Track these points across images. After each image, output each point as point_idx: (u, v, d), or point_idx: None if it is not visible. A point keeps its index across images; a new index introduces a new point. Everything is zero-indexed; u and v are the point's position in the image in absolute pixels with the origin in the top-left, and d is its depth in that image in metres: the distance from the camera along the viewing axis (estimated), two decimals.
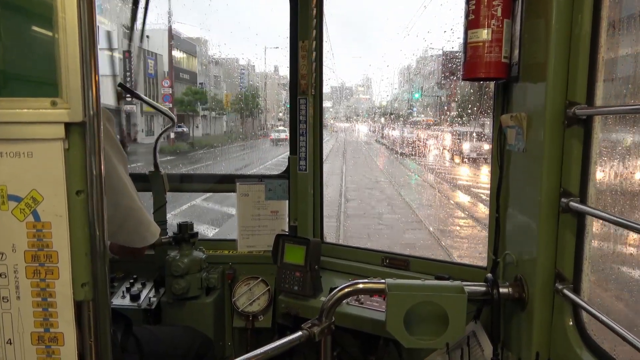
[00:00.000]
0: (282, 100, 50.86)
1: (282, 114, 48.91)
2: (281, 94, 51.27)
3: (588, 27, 1.30)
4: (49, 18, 0.94)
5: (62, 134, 0.96)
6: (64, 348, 1.03)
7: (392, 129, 42.21)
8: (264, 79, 49.90)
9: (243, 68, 47.40)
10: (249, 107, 45.17)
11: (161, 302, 2.48)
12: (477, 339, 1.69)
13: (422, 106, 41.12)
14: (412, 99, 43.73)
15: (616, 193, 1.48)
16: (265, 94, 49.43)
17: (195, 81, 45.32)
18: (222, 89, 50.18)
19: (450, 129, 29.30)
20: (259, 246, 2.70)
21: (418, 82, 42.87)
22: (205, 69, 48.57)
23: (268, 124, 46.04)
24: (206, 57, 47.83)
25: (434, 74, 37.39)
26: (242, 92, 47.53)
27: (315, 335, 1.59)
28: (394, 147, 35.25)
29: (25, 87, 1.03)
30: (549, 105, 1.36)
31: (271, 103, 46.81)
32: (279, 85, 49.06)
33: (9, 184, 0.98)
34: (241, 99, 46.46)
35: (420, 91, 40.03)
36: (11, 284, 1.01)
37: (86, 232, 0.99)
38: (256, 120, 46.57)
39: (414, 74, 43.22)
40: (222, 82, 50.64)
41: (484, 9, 1.52)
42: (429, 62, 39.18)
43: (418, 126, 35.69)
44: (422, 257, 2.42)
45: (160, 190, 2.68)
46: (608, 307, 1.47)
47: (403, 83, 46.96)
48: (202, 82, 46.49)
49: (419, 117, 39.27)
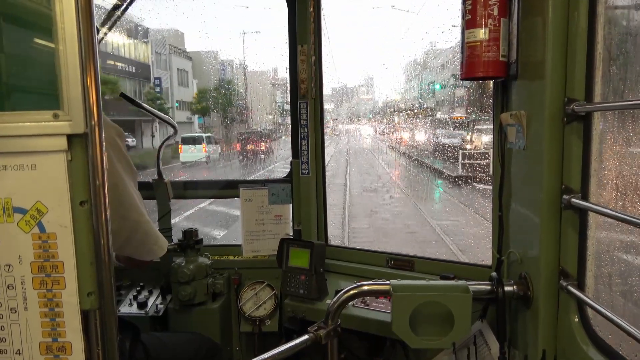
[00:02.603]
0: (276, 102, 42.05)
1: (272, 116, 38.87)
2: (275, 94, 42.74)
3: (584, 24, 1.30)
4: (49, 30, 0.96)
5: (64, 145, 0.97)
6: (72, 357, 1.04)
7: (409, 130, 30.66)
8: (244, 72, 39.72)
9: (224, 63, 38.14)
10: (219, 106, 34.58)
11: (168, 309, 2.49)
12: (483, 338, 1.69)
13: (436, 101, 31.07)
14: (430, 91, 32.62)
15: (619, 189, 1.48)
16: (244, 90, 38.74)
17: (149, 75, 36.18)
18: (191, 87, 41.03)
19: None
20: (264, 251, 2.71)
21: (428, 76, 33.32)
22: (166, 61, 39.15)
23: (257, 127, 34.28)
24: (175, 49, 39.34)
25: (448, 65, 28.35)
26: (210, 89, 37.38)
27: (321, 338, 1.60)
28: (427, 161, 21.81)
29: (27, 99, 1.04)
30: (548, 102, 1.37)
31: (258, 103, 37.84)
32: (273, 86, 40.43)
33: (13, 197, 0.99)
34: (211, 96, 36.08)
35: (439, 83, 30.26)
36: (19, 295, 1.02)
37: (91, 241, 1.00)
38: (242, 125, 35.02)
39: (424, 66, 34.17)
40: (190, 79, 41.54)
41: (481, 9, 1.53)
42: (440, 54, 31.14)
43: (442, 125, 24.71)
44: (427, 257, 2.42)
45: (164, 197, 2.69)
46: (613, 303, 1.47)
47: (412, 78, 37.79)
48: (159, 78, 37.18)
49: (444, 114, 27.95)
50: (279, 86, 40.95)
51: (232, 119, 33.88)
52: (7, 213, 0.99)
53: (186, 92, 40.66)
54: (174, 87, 39.45)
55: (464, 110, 25.50)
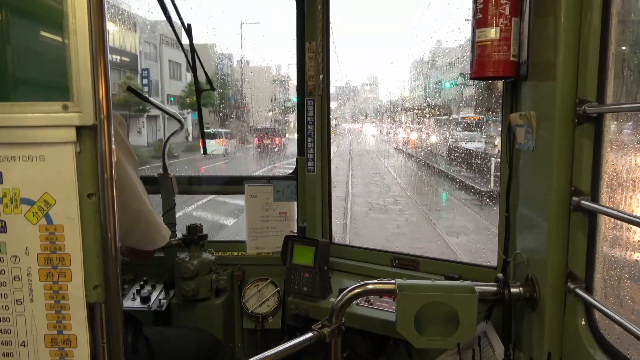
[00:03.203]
0: (276, 98, 38.23)
1: (271, 113, 35.25)
2: (276, 90, 38.82)
3: (598, 24, 1.29)
4: (60, 23, 0.96)
5: (73, 137, 0.97)
6: (77, 350, 1.04)
7: (419, 131, 28.01)
8: (241, 66, 35.39)
9: (222, 57, 33.39)
10: (212, 101, 29.51)
11: (171, 304, 2.49)
12: (488, 339, 1.68)
13: (441, 101, 28.18)
14: (446, 88, 28.87)
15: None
16: (240, 84, 34.12)
17: (136, 67, 33.49)
18: (185, 80, 36.64)
19: None
20: (268, 248, 2.71)
21: (435, 75, 31.12)
22: (156, 51, 36.14)
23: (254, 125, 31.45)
24: (167, 38, 34.98)
25: (456, 64, 25.95)
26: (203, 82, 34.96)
27: (325, 336, 1.59)
28: (441, 167, 19.66)
29: (37, 91, 1.04)
30: (559, 103, 1.35)
31: (257, 98, 33.44)
32: (274, 83, 36.78)
33: (21, 188, 0.99)
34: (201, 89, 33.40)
35: (450, 80, 27.31)
36: (25, 287, 1.02)
37: (98, 234, 1.00)
38: (239, 122, 31.80)
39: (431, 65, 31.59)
40: (184, 72, 37.20)
41: (492, 8, 1.51)
42: (448, 53, 28.66)
43: (460, 126, 21.99)
44: (432, 257, 2.41)
45: (169, 192, 2.69)
46: (621, 306, 1.46)
47: (418, 75, 34.33)
48: (147, 69, 34.41)
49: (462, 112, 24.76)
50: (281, 82, 38.79)
51: (229, 115, 31.52)
52: (14, 204, 0.99)
53: (179, 86, 37.38)
54: (164, 80, 37.05)
55: (483, 110, 21.98)
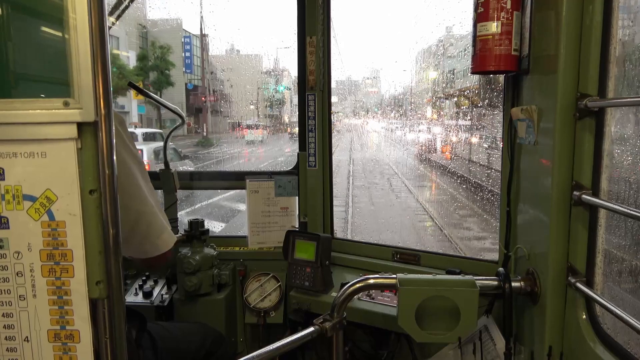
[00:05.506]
0: (262, 87, 34.27)
1: (253, 106, 32.24)
2: (262, 78, 34.96)
3: (599, 18, 1.28)
4: (60, 19, 0.95)
5: (74, 134, 0.97)
6: (80, 345, 1.04)
7: (448, 130, 21.92)
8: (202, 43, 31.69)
9: (188, 35, 29.81)
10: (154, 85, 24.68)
11: (173, 299, 2.50)
12: (489, 333, 1.69)
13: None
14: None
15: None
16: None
17: None
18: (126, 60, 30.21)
19: None
20: (270, 242, 2.71)
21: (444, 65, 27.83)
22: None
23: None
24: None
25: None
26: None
27: (327, 330, 1.60)
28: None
29: (38, 87, 1.04)
30: (560, 97, 1.35)
31: (243, 90, 30.69)
32: (260, 74, 33.46)
33: (24, 184, 0.99)
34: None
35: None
36: (27, 283, 1.03)
37: (100, 230, 1.00)
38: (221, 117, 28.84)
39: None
40: (124, 49, 30.42)
41: (493, 2, 1.51)
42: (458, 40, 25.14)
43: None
44: (433, 251, 2.42)
45: (171, 188, 2.69)
46: (622, 300, 1.46)
47: (426, 66, 29.86)
48: None
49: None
50: (269, 73, 35.55)
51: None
52: (17, 200, 0.99)
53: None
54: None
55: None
